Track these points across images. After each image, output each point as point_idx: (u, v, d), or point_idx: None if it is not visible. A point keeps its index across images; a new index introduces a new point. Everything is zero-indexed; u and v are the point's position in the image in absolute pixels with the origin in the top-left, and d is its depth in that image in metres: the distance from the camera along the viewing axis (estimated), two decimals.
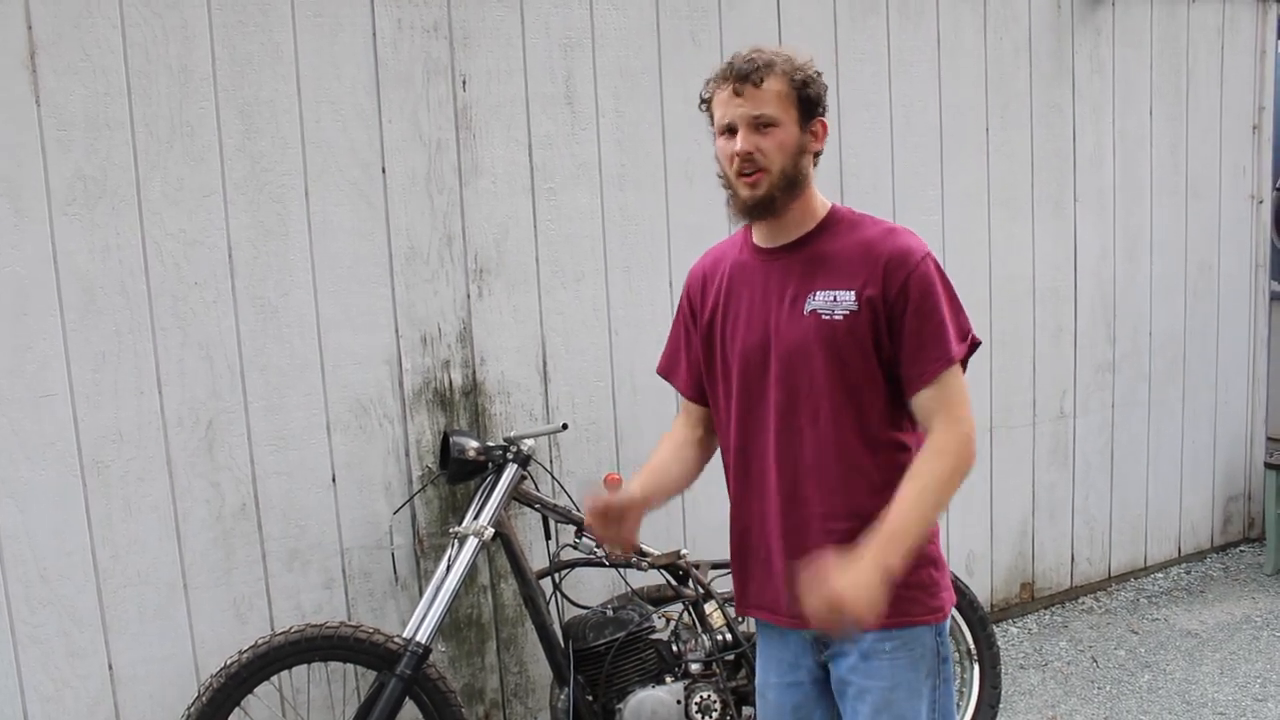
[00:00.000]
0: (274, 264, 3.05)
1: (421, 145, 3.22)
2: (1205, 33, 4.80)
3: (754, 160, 1.93)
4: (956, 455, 1.92)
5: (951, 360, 1.94)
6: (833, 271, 1.97)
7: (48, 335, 2.80)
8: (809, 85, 1.97)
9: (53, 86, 2.75)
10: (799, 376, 1.98)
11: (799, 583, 1.96)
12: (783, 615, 2.07)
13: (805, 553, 1.99)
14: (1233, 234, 5.00)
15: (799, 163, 1.97)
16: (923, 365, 1.93)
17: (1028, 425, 4.50)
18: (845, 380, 1.95)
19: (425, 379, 3.29)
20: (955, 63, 4.16)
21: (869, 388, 1.96)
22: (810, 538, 2.00)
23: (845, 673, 2.04)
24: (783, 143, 1.94)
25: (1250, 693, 3.88)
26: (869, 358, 1.95)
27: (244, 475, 3.06)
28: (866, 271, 1.94)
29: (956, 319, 1.97)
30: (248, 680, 2.69)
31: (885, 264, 1.93)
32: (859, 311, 1.93)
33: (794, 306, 1.99)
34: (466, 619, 3.41)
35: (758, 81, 1.92)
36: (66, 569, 2.87)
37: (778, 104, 1.93)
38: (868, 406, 1.97)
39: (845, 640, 2.01)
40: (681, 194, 3.62)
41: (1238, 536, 5.30)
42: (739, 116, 1.94)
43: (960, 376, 1.97)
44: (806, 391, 1.98)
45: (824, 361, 1.95)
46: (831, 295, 1.95)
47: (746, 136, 1.93)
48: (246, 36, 2.96)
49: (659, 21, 3.55)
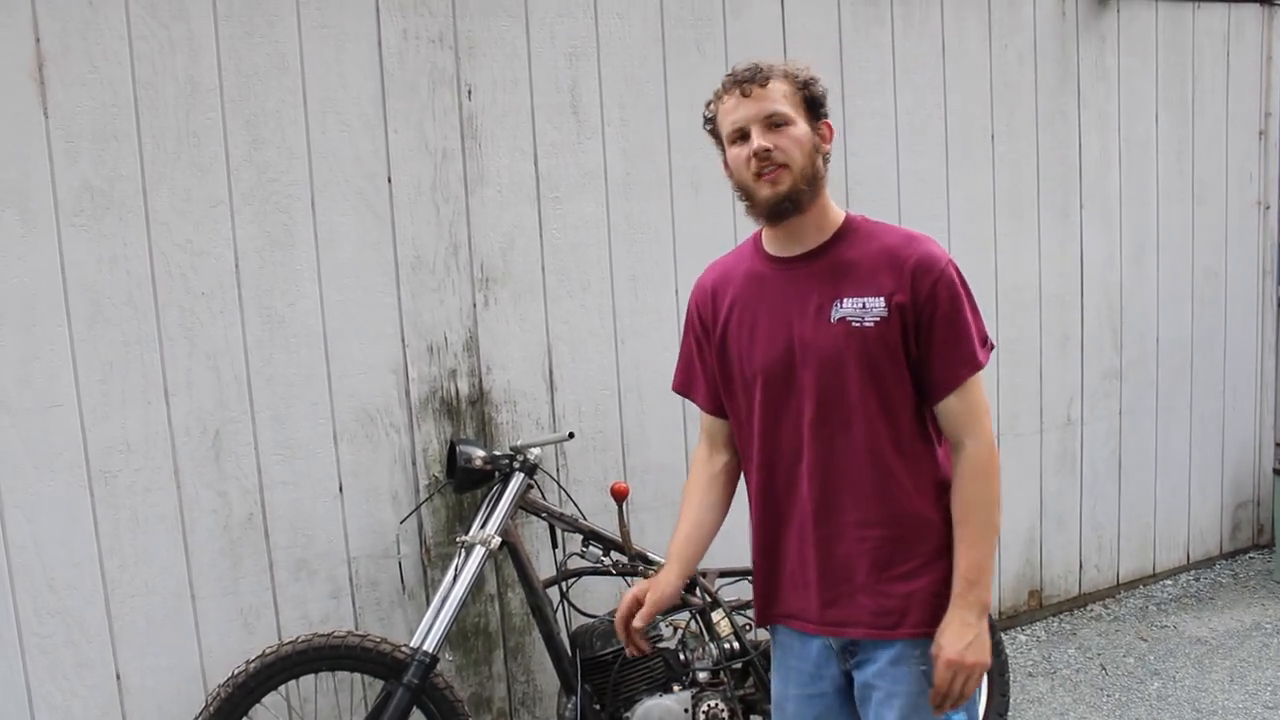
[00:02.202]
0: (280, 274, 3.06)
1: (427, 155, 3.23)
2: (1211, 38, 4.80)
3: (773, 156, 1.92)
4: (990, 470, 1.97)
5: (979, 365, 1.97)
6: (859, 279, 1.97)
7: (55, 346, 2.81)
8: (811, 86, 1.98)
9: (60, 98, 2.77)
10: (829, 385, 1.98)
11: (831, 590, 2.03)
12: (813, 623, 2.08)
13: (839, 560, 2.03)
14: (1239, 240, 4.99)
15: (815, 160, 1.97)
16: (952, 370, 1.95)
17: (1035, 433, 4.49)
18: (877, 387, 1.96)
19: (432, 388, 3.29)
20: (960, 71, 4.16)
21: (899, 393, 1.97)
22: (844, 545, 2.02)
23: (871, 677, 2.03)
24: (798, 139, 1.94)
25: (1261, 700, 3.86)
26: (899, 364, 1.96)
27: (251, 485, 3.06)
28: (894, 278, 1.94)
29: (978, 325, 2.00)
30: (255, 690, 2.69)
31: (913, 270, 1.94)
32: (889, 318, 1.93)
33: (820, 315, 1.98)
34: (474, 628, 3.41)
35: (763, 82, 1.93)
36: (74, 579, 2.87)
37: (786, 102, 1.94)
38: (898, 412, 1.98)
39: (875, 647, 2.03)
40: (687, 203, 3.63)
41: (1247, 543, 5.28)
42: (750, 117, 1.94)
43: (981, 383, 1.99)
44: (838, 400, 1.98)
45: (856, 369, 1.96)
46: (860, 302, 1.95)
47: (762, 134, 1.93)
48: (253, 47, 2.97)
49: (664, 31, 3.56)
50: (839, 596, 2.03)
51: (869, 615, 2.01)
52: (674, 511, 3.64)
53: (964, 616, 1.93)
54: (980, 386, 1.99)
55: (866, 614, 2.01)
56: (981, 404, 1.98)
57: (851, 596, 2.02)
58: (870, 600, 2.01)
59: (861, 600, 2.01)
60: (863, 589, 2.01)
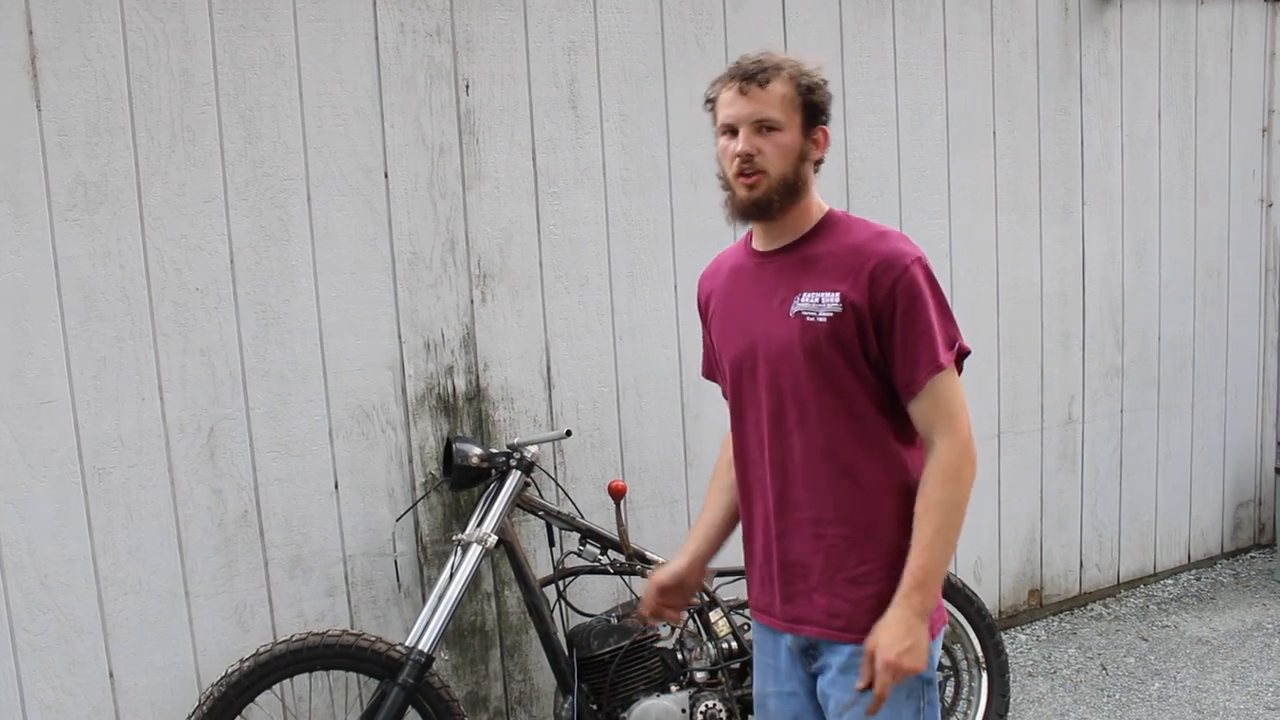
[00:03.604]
0: (276, 269, 3.04)
1: (424, 150, 3.20)
2: (1214, 35, 4.78)
3: (753, 161, 1.92)
4: (958, 473, 1.92)
5: (940, 367, 1.91)
6: (820, 273, 1.96)
7: (48, 341, 2.79)
8: (814, 92, 1.96)
9: (54, 91, 2.74)
10: (784, 379, 1.98)
11: (789, 587, 2.03)
12: (777, 618, 2.09)
13: (795, 557, 2.02)
14: (1242, 238, 4.97)
15: (799, 169, 1.96)
16: (912, 372, 1.92)
17: (1035, 431, 4.47)
18: (831, 383, 1.94)
19: (428, 385, 3.27)
20: (962, 66, 4.14)
21: (859, 390, 1.94)
22: (800, 541, 2.01)
23: (825, 686, 2.04)
24: (783, 147, 1.93)
25: (1262, 701, 3.84)
26: (856, 361, 1.93)
27: (246, 482, 3.04)
28: (853, 274, 1.92)
29: (945, 326, 1.95)
30: (249, 689, 2.68)
31: (873, 268, 1.91)
32: (843, 314, 1.91)
33: (781, 308, 1.98)
34: (470, 627, 3.39)
35: (763, 83, 1.92)
36: (67, 576, 2.85)
37: (781, 107, 1.92)
38: (860, 409, 1.95)
39: (830, 653, 2.02)
40: (686, 198, 3.60)
41: (1248, 542, 5.27)
42: (741, 117, 1.93)
43: (954, 382, 1.95)
44: (793, 394, 1.97)
45: (807, 364, 1.94)
46: (817, 297, 1.94)
47: (748, 137, 1.92)
48: (248, 41, 2.95)
49: (663, 25, 3.53)
50: (796, 594, 2.04)
51: (822, 615, 2.00)
52: (672, 510, 3.67)
53: (905, 617, 1.87)
54: (952, 386, 1.94)
55: (820, 613, 2.01)
56: (953, 404, 1.93)
57: (807, 595, 2.02)
58: (824, 599, 2.00)
59: (816, 599, 2.01)
60: (817, 588, 2.01)
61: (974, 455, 1.95)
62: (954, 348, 1.96)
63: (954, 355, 1.96)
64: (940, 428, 1.92)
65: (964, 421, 1.94)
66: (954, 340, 1.96)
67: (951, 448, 1.91)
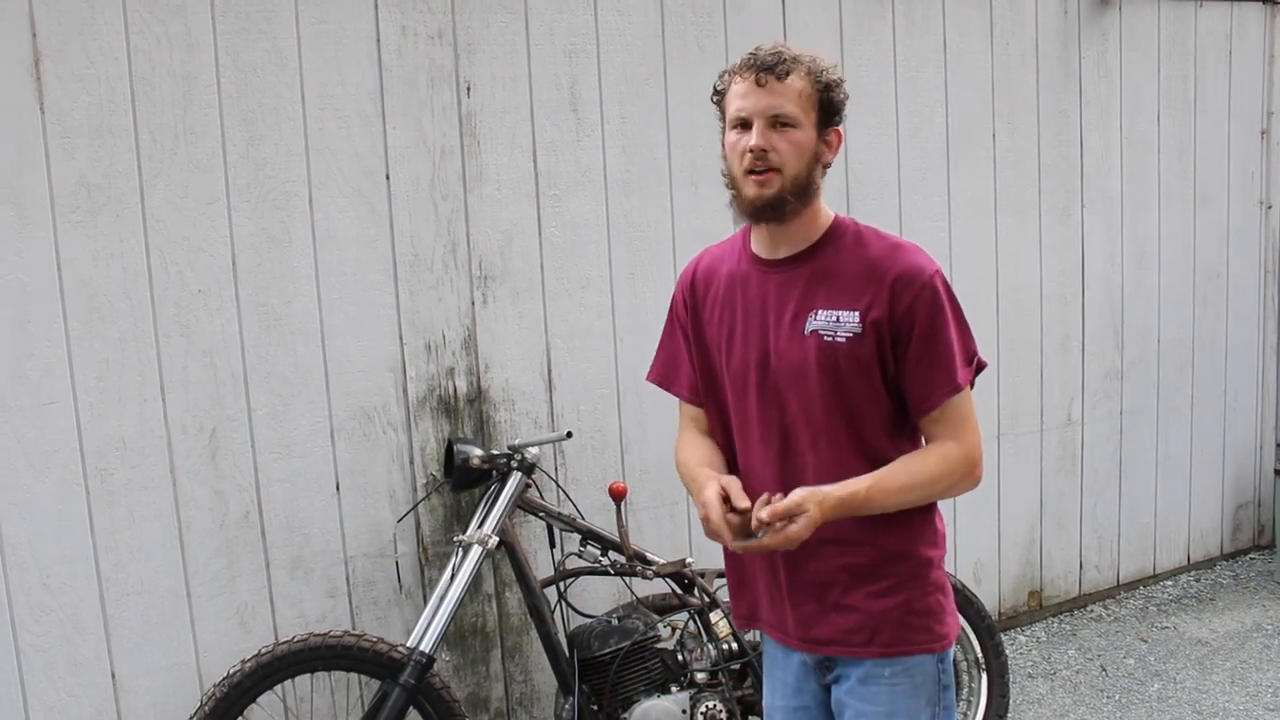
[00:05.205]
0: (278, 271, 3.04)
1: (426, 152, 3.21)
2: (1213, 37, 4.78)
3: (767, 158, 1.82)
4: (957, 468, 1.89)
5: (957, 388, 1.88)
6: (836, 290, 1.88)
7: (51, 342, 2.80)
8: (832, 90, 1.88)
9: (57, 94, 2.75)
10: (796, 398, 1.91)
11: (804, 606, 1.97)
12: (791, 637, 2.04)
13: (810, 578, 1.97)
14: (1241, 240, 4.98)
15: (812, 170, 1.87)
16: (929, 390, 1.87)
17: (1035, 433, 4.48)
18: (845, 403, 1.88)
19: (429, 386, 3.28)
20: (961, 68, 4.14)
21: (871, 409, 1.90)
22: (815, 561, 1.95)
23: (843, 695, 2.00)
24: (799, 145, 1.84)
25: (1262, 702, 3.84)
26: (872, 380, 1.88)
27: (247, 483, 3.05)
28: (872, 291, 1.85)
29: (964, 341, 1.91)
30: (251, 689, 2.68)
31: (892, 283, 1.85)
32: (863, 334, 1.85)
33: (794, 325, 1.91)
34: (471, 628, 3.39)
35: (782, 75, 1.82)
36: (69, 577, 2.85)
37: (799, 103, 1.84)
38: (869, 428, 1.91)
39: (848, 664, 1.98)
40: (687, 200, 3.61)
41: (1248, 544, 5.27)
42: (757, 110, 1.83)
43: (968, 400, 1.91)
44: (805, 414, 1.91)
45: (823, 385, 1.88)
46: (834, 315, 1.87)
47: (762, 132, 1.82)
48: (250, 43, 2.96)
49: (664, 27, 3.54)
50: (812, 614, 1.98)
51: (841, 633, 1.96)
52: (672, 511, 3.67)
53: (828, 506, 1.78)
54: (966, 404, 1.90)
55: (839, 631, 1.96)
56: (965, 422, 1.90)
57: (825, 614, 1.97)
58: (842, 618, 1.95)
59: (834, 618, 1.96)
60: (835, 607, 1.95)
61: (977, 473, 1.92)
62: (972, 363, 1.92)
63: (971, 371, 1.91)
64: (952, 436, 1.90)
65: (974, 439, 1.91)
66: (972, 355, 1.92)
67: (960, 449, 1.89)
